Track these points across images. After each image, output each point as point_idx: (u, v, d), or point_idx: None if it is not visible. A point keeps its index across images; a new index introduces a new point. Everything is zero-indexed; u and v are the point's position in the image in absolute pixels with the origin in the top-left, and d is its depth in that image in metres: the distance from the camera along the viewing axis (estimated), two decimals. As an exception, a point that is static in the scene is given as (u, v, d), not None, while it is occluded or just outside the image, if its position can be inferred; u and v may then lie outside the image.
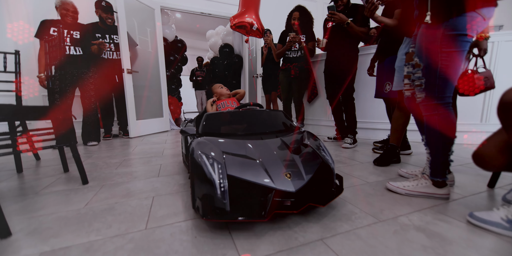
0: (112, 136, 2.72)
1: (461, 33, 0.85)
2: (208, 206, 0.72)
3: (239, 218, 0.69)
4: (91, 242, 0.69)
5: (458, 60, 0.87)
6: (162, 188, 1.12)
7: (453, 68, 0.88)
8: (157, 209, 0.91)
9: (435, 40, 0.88)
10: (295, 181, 0.74)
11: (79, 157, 1.18)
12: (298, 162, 0.82)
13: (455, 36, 0.85)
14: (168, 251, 0.64)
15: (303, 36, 2.42)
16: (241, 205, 0.72)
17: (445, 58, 0.88)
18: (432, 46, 0.89)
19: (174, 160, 1.67)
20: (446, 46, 0.87)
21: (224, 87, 1.65)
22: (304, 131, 1.07)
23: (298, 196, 0.74)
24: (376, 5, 1.40)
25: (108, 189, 1.12)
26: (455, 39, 0.86)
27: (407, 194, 0.99)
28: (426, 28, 0.92)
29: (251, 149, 0.86)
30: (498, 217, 0.71)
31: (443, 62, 0.88)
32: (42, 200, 1.00)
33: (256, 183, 0.72)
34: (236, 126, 1.14)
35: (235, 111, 1.20)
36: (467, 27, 0.83)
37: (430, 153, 0.96)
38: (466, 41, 0.86)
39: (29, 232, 0.75)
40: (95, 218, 0.84)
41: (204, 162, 0.76)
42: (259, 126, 1.12)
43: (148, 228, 0.77)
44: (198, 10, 3.31)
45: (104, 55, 2.50)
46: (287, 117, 1.23)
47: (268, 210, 0.70)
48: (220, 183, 0.71)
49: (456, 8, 0.83)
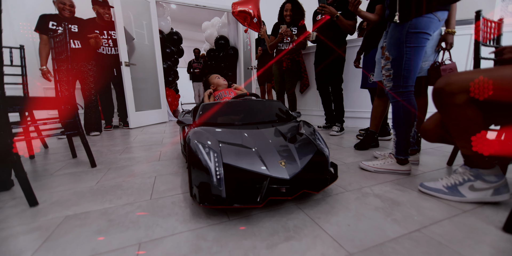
0: (112, 126, 2.85)
1: (421, 31, 0.97)
2: (205, 193, 0.74)
3: (234, 205, 0.71)
4: (106, 209, 0.84)
5: (419, 55, 1.00)
6: (163, 170, 1.27)
7: (415, 61, 1.01)
8: (159, 185, 1.05)
9: (401, 36, 1.01)
10: (290, 169, 0.77)
11: (87, 143, 1.32)
12: (293, 150, 0.85)
13: (416, 33, 0.98)
14: (170, 213, 0.79)
15: (294, 28, 2.51)
16: (237, 192, 0.75)
17: (409, 52, 1.00)
18: (399, 42, 1.02)
19: (173, 147, 1.81)
20: (409, 42, 0.99)
21: (221, 78, 1.66)
22: (300, 120, 1.10)
23: (293, 183, 0.76)
24: (328, 12, 1.46)
25: (114, 171, 1.27)
26: (416, 37, 0.98)
27: (376, 171, 1.15)
28: (394, 26, 1.04)
29: (247, 138, 0.89)
30: (441, 185, 0.87)
31: (407, 56, 1.01)
32: (58, 180, 1.15)
33: (251, 170, 0.74)
34: (232, 116, 1.15)
35: (231, 101, 1.21)
36: (426, 26, 0.96)
37: (395, 134, 1.11)
38: (425, 38, 0.98)
39: (52, 202, 0.90)
40: (107, 192, 0.99)
41: (200, 151, 0.79)
42: (256, 116, 1.14)
43: (152, 198, 0.92)
44: (193, 2, 3.34)
45: (103, 51, 2.58)
46: (284, 107, 1.25)
47: (263, 196, 0.73)
48: (216, 171, 0.73)
49: (417, 10, 0.95)
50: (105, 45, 2.61)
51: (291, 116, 1.20)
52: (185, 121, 1.08)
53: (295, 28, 2.50)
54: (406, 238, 0.64)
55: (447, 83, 0.71)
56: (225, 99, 1.47)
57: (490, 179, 0.77)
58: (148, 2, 3.03)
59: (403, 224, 0.70)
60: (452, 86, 0.70)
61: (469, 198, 0.81)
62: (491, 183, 0.77)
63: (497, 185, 0.77)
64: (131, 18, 2.81)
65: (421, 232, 0.66)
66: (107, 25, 2.58)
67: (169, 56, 3.79)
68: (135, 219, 0.76)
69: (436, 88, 0.73)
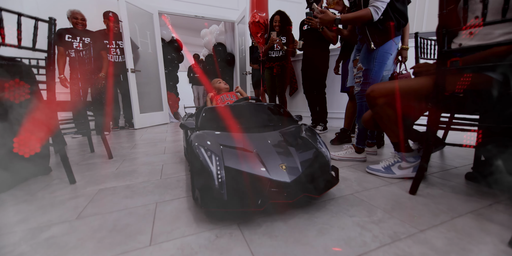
0: (119, 127, 3.13)
1: (386, 52, 1.28)
2: (207, 196, 0.75)
3: (235, 208, 0.72)
4: (128, 184, 1.12)
5: (382, 68, 1.31)
6: (168, 160, 1.55)
7: (379, 72, 1.31)
8: (166, 170, 1.33)
9: (373, 55, 1.30)
10: (290, 172, 0.78)
11: (105, 138, 1.60)
12: (294, 154, 0.85)
13: (383, 53, 1.28)
14: (176, 186, 1.07)
15: (283, 37, 2.81)
16: (238, 195, 0.74)
17: (376, 66, 1.30)
18: (370, 58, 1.31)
19: (176, 143, 2.09)
20: (377, 59, 1.29)
21: (222, 82, 1.72)
22: (302, 124, 1.11)
23: (293, 186, 0.76)
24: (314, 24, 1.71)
25: (129, 161, 1.54)
26: (383, 55, 1.29)
27: (340, 159, 1.43)
28: (367, 48, 1.33)
29: (248, 141, 0.89)
30: (380, 167, 1.15)
31: (374, 69, 1.31)
32: (84, 167, 1.42)
33: (252, 174, 0.75)
34: (234, 120, 1.14)
35: (233, 105, 1.23)
36: (389, 49, 1.27)
37: (358, 128, 1.40)
38: (388, 57, 1.29)
39: (86, 182, 1.18)
40: (126, 175, 1.27)
41: (202, 154, 0.80)
42: (257, 119, 1.14)
43: (162, 178, 1.20)
44: (193, 13, 3.65)
45: (111, 59, 2.87)
46: (285, 111, 1.25)
47: (264, 200, 0.73)
48: (218, 174, 0.74)
49: (385, 38, 1.26)
50: (114, 53, 2.91)
51: (292, 120, 1.20)
52: (188, 125, 1.08)
53: (284, 37, 2.81)
54: (341, 198, 0.92)
55: (371, 90, 1.00)
56: (227, 102, 1.52)
57: (410, 159, 1.06)
58: (152, 14, 3.34)
59: (343, 191, 0.98)
60: (374, 93, 0.99)
61: (397, 174, 1.09)
62: (411, 162, 1.06)
63: (415, 164, 1.06)
64: (136, 29, 3.11)
65: (353, 195, 0.95)
66: (115, 36, 2.88)
67: (170, 62, 4.09)
68: (151, 190, 1.04)
69: (366, 94, 1.02)
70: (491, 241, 0.63)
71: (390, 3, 1.20)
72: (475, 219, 0.74)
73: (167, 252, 0.62)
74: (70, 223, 0.78)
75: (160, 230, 0.72)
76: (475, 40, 0.86)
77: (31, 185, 1.13)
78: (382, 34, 1.27)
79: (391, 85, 0.95)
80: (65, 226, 0.77)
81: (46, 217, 0.83)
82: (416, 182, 0.92)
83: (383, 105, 0.98)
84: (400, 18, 1.27)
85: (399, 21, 1.27)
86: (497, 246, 0.61)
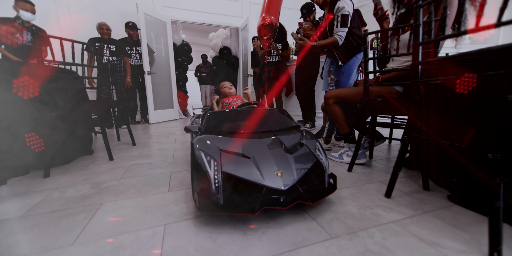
0: (136, 122, 3.61)
1: (352, 66, 1.66)
2: (204, 199, 0.78)
3: (230, 212, 0.73)
4: (150, 162, 1.55)
5: (349, 78, 1.70)
6: (178, 147, 1.98)
7: (347, 81, 1.69)
8: (177, 154, 1.76)
9: (341, 69, 1.69)
10: (286, 180, 0.79)
11: (130, 129, 2.05)
12: (291, 161, 0.86)
13: (349, 67, 1.66)
14: (184, 163, 1.50)
15: (280, 44, 3.19)
16: (234, 199, 0.77)
17: (344, 77, 1.69)
18: (339, 71, 1.70)
19: (183, 136, 2.52)
20: (345, 72, 1.68)
21: (228, 87, 1.77)
22: (303, 130, 1.12)
23: (288, 193, 0.78)
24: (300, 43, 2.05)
25: (148, 147, 1.99)
26: (349, 69, 1.67)
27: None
28: (336, 64, 1.71)
29: (247, 147, 0.92)
30: (336, 154, 1.53)
31: (343, 80, 1.69)
32: (116, 150, 1.88)
33: (248, 180, 0.77)
34: (236, 125, 1.17)
35: (237, 110, 1.28)
36: (354, 64, 1.66)
37: (329, 124, 1.79)
38: (353, 70, 1.67)
39: (120, 159, 1.62)
40: (148, 156, 1.71)
41: (202, 159, 0.82)
42: (259, 125, 1.15)
43: (174, 159, 1.63)
44: (201, 21, 4.07)
45: (132, 62, 3.34)
46: (288, 116, 1.27)
47: (258, 205, 0.74)
48: (215, 179, 0.77)
49: (351, 55, 1.63)
50: (134, 58, 3.37)
51: (294, 125, 1.21)
52: (191, 129, 1.13)
53: (279, 44, 3.19)
54: (298, 173, 1.31)
55: (326, 94, 1.39)
56: (232, 106, 1.61)
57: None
58: (165, 23, 3.77)
59: (302, 169, 1.37)
60: (327, 95, 1.38)
61: (346, 160, 1.47)
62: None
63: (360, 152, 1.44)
64: (152, 36, 3.56)
65: (308, 171, 1.34)
66: (135, 43, 3.33)
67: (180, 64, 4.53)
68: (166, 165, 1.48)
69: (324, 96, 1.41)
70: (375, 194, 1.02)
71: (349, 30, 1.57)
72: (379, 185, 1.13)
73: (178, 195, 1.05)
74: (118, 181, 1.22)
75: (174, 185, 1.15)
76: (394, 64, 1.24)
77: (82, 161, 1.59)
78: (346, 54, 1.64)
79: (339, 91, 1.35)
80: (114, 182, 1.21)
81: (101, 178, 1.27)
82: (351, 164, 1.31)
83: (331, 104, 1.38)
84: (358, 40, 1.63)
85: (358, 42, 1.64)
86: (378, 197, 1.00)
